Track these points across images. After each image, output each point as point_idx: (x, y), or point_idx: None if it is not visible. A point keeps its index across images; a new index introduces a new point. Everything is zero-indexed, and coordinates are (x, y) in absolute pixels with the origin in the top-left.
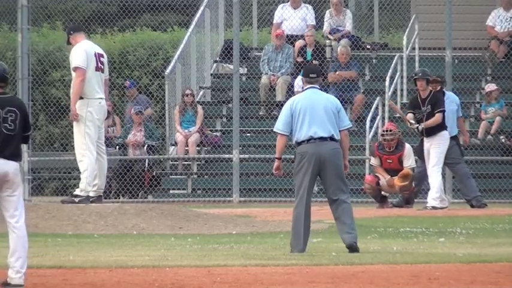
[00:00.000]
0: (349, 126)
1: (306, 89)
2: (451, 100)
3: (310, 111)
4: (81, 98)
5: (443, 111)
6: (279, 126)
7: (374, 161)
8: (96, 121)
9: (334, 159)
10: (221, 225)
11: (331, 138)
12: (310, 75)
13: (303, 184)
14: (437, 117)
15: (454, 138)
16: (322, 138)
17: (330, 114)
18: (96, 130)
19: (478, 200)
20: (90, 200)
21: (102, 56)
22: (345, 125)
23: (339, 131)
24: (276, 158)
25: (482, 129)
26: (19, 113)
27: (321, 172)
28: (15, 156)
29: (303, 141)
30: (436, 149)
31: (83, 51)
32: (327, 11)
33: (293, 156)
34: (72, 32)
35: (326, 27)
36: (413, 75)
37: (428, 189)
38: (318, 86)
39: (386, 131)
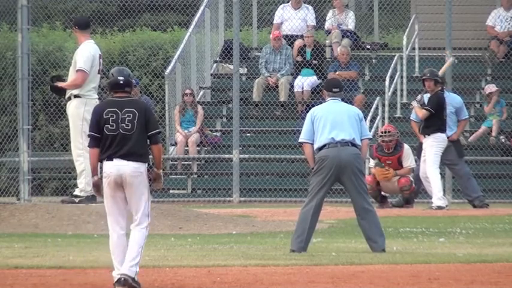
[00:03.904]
0: (369, 137)
1: (328, 100)
2: (447, 102)
3: (332, 117)
4: (78, 96)
5: (430, 112)
6: (302, 136)
7: (373, 163)
8: None
9: (355, 164)
10: (221, 225)
11: (352, 143)
12: (333, 90)
13: (318, 186)
14: (422, 112)
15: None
16: (343, 142)
17: (353, 120)
18: None
19: (480, 200)
20: (90, 200)
21: (100, 56)
22: (366, 135)
23: (360, 140)
24: (312, 169)
25: (479, 133)
26: (137, 113)
27: (341, 177)
28: (135, 156)
29: (324, 146)
30: (429, 149)
31: (91, 56)
32: (330, 11)
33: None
34: (79, 28)
35: (328, 25)
36: (422, 75)
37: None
38: (339, 99)
39: (385, 132)
